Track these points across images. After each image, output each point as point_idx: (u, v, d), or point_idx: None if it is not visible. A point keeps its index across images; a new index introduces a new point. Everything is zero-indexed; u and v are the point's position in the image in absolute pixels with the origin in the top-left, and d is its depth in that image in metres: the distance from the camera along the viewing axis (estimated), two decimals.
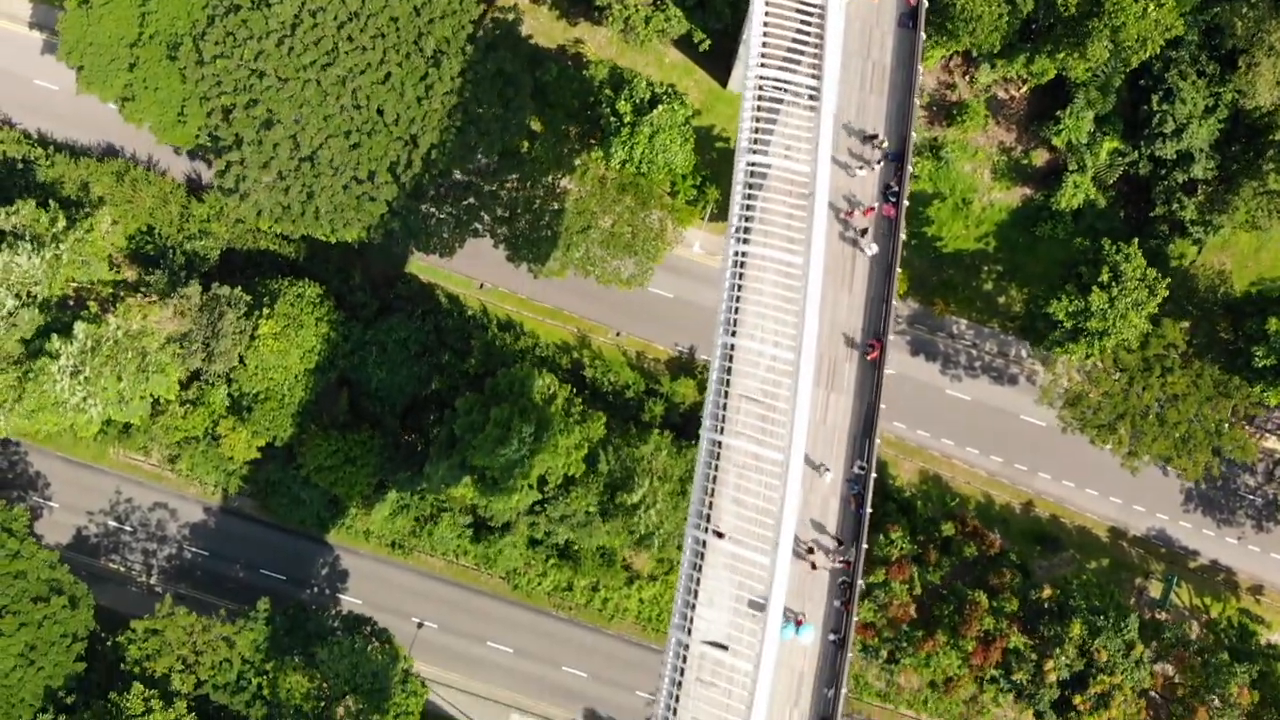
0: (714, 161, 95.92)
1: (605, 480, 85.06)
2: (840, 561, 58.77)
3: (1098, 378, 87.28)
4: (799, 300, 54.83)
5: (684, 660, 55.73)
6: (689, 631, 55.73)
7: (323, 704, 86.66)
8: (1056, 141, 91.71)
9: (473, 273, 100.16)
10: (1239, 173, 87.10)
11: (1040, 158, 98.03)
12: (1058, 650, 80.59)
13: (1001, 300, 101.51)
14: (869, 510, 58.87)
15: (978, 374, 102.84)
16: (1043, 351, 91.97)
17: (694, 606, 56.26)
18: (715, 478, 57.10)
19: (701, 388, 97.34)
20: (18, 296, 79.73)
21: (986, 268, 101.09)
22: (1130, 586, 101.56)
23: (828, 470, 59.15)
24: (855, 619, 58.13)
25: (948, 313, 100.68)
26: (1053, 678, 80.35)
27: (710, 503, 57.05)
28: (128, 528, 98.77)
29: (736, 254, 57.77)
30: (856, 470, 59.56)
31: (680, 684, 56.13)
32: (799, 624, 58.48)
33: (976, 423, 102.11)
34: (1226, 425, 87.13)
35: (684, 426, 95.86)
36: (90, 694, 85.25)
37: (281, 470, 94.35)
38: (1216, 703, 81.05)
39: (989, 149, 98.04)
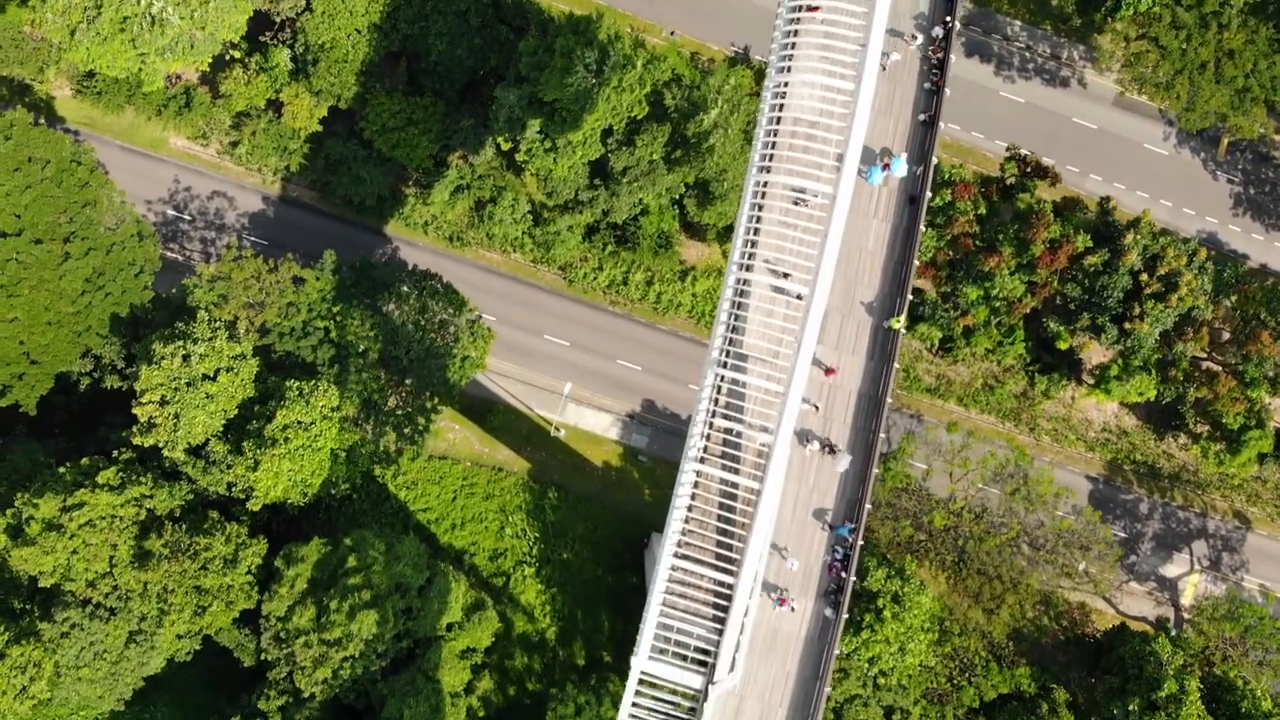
0: None
1: (672, 122, 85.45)
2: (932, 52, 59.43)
3: (1156, 32, 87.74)
4: None
5: (778, 127, 56.13)
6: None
7: (390, 347, 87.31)
8: None
9: None
10: None
11: None
12: (1131, 235, 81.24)
13: (1055, 2, 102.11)
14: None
15: (1030, 76, 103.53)
16: (1106, 16, 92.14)
17: (787, 79, 56.62)
18: None
19: (758, 77, 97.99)
20: None
21: None
22: None
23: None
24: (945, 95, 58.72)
25: (1003, 6, 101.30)
26: (1132, 257, 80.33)
27: None
28: (186, 216, 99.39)
29: None
30: None
31: (773, 154, 56.59)
32: (886, 166, 58.97)
33: (1029, 125, 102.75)
34: None
35: None
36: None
37: (343, 145, 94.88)
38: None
39: None
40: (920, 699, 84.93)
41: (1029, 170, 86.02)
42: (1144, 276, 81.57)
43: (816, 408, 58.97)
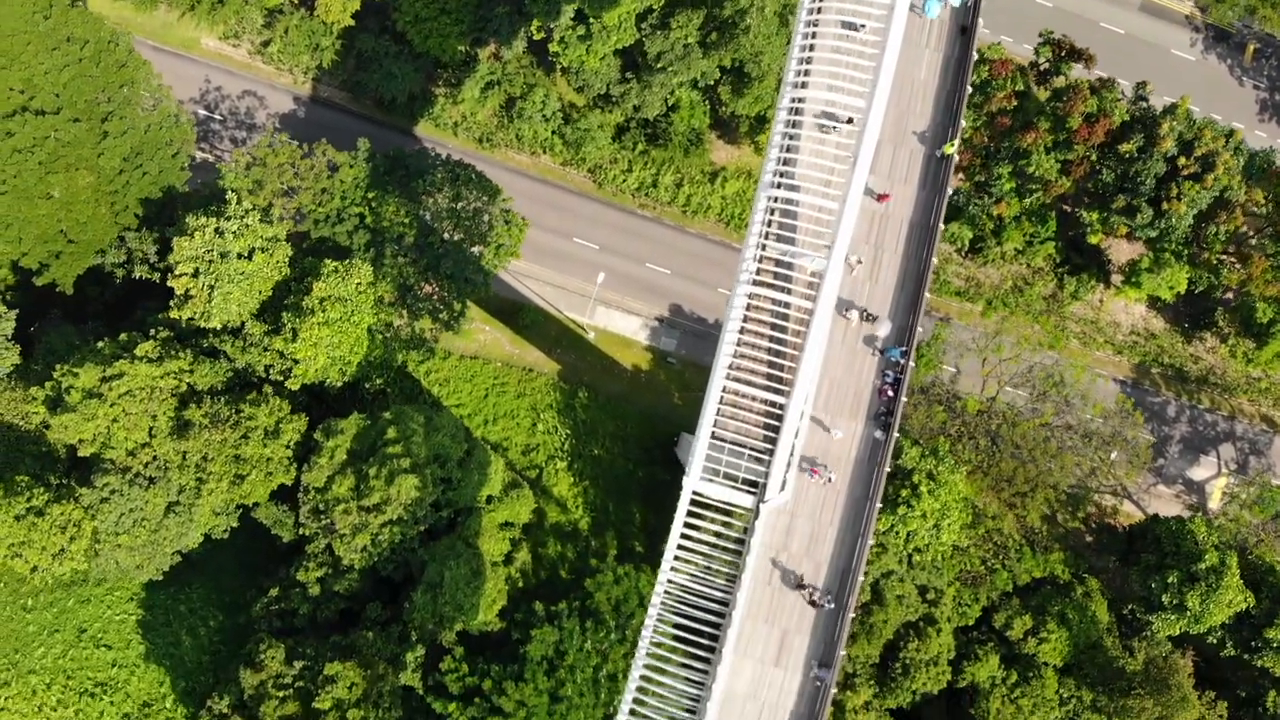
0: None
1: (706, 4, 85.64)
2: None
3: None
4: None
5: None
6: None
7: (424, 235, 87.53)
8: None
9: None
10: None
11: None
12: (1167, 122, 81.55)
13: None
14: None
15: None
16: None
17: None
18: None
19: None
20: None
21: None
22: None
23: None
24: None
25: None
26: (1168, 144, 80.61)
27: None
28: (217, 116, 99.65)
29: None
30: None
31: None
32: None
33: (1057, 29, 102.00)
34: None
35: None
36: None
37: (374, 40, 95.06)
38: None
39: None
40: (954, 580, 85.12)
41: (1063, 54, 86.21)
42: (1181, 159, 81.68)
43: (860, 261, 59.09)
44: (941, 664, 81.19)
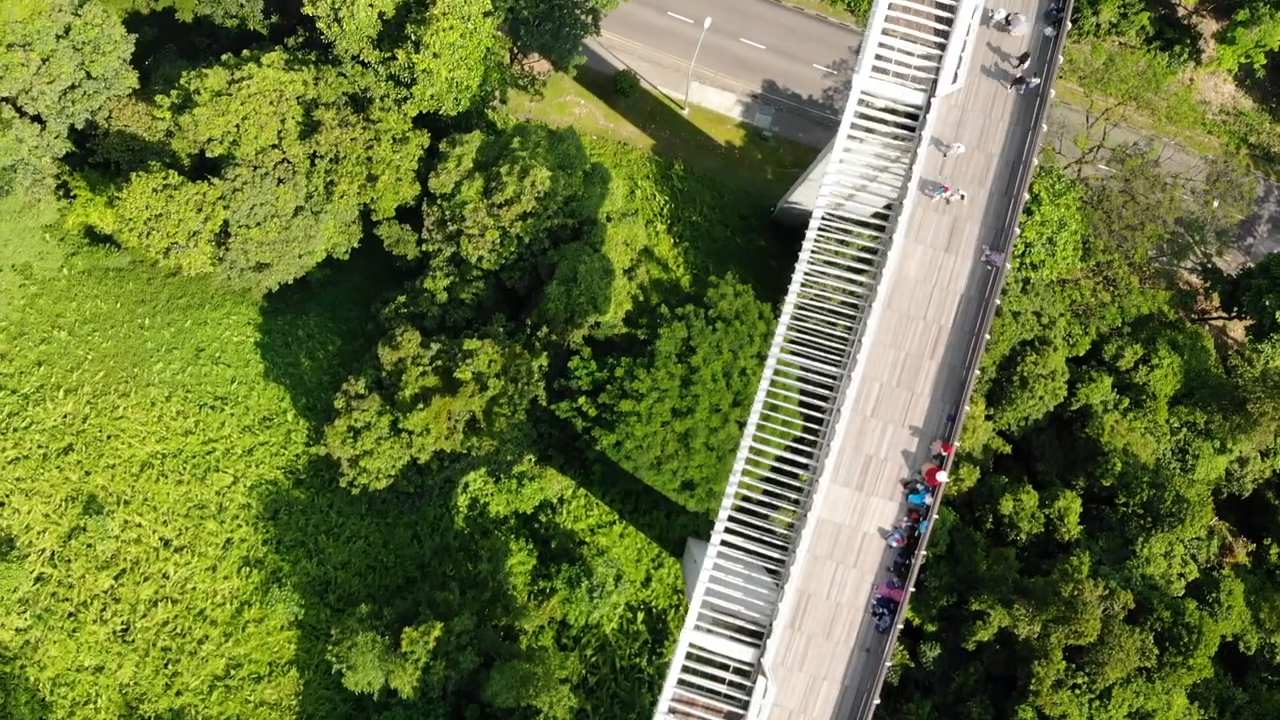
0: None
1: None
2: None
3: None
4: None
5: None
6: None
7: None
8: None
9: None
10: None
11: None
12: None
13: None
14: None
15: None
16: None
17: None
18: None
19: None
20: None
21: None
22: None
23: None
24: None
25: None
26: None
27: None
28: None
29: None
30: None
31: None
32: None
33: None
34: None
35: None
36: None
37: None
38: None
39: None
40: (1065, 313, 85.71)
41: None
42: None
43: None
44: (1058, 380, 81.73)
